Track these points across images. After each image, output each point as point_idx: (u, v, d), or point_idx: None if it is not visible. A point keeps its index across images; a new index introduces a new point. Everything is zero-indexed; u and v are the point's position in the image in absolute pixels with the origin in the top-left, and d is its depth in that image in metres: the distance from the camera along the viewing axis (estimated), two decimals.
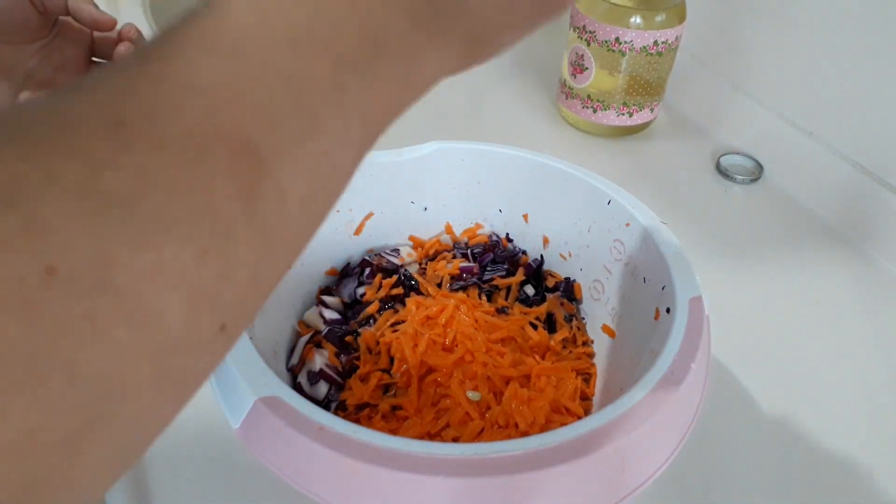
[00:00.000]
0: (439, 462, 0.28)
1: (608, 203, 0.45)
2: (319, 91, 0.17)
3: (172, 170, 0.14)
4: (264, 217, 0.16)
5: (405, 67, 0.19)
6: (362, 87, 0.18)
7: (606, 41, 0.65)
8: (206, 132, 0.15)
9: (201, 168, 0.15)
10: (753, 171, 0.68)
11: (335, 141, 0.18)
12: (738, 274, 0.57)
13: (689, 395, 0.34)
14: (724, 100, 0.71)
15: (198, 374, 0.16)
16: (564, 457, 0.29)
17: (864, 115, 0.59)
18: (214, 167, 0.15)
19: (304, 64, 0.17)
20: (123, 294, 0.13)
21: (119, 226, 0.13)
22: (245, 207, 0.15)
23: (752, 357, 0.50)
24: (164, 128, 0.15)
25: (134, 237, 0.13)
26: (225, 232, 0.15)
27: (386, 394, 0.42)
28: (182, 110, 0.15)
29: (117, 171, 0.14)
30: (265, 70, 0.16)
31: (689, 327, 0.35)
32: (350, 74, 0.18)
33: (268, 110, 0.16)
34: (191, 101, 0.15)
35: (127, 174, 0.14)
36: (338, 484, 0.29)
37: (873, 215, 0.59)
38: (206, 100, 0.15)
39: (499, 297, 0.48)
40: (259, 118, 0.16)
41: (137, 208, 0.14)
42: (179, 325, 0.14)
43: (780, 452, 0.44)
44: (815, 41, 0.61)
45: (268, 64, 0.16)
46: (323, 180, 0.18)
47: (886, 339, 0.52)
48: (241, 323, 0.17)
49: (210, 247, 0.15)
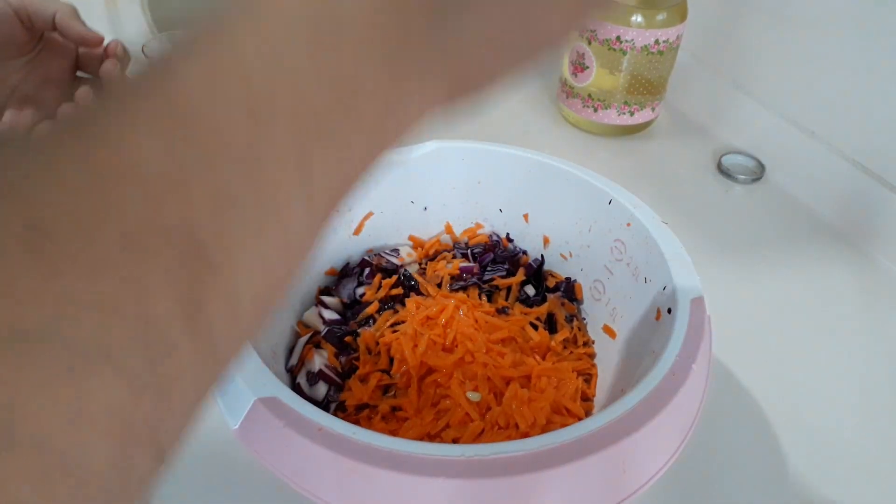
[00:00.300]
0: (439, 463, 0.28)
1: (609, 203, 0.45)
2: (282, 169, 0.15)
3: (101, 287, 0.12)
4: (210, 326, 0.14)
5: (382, 119, 0.17)
6: (331, 154, 0.16)
7: (607, 40, 0.65)
8: (144, 235, 0.13)
9: (137, 282, 0.12)
10: (755, 170, 0.68)
11: (297, 223, 0.15)
12: (740, 274, 0.57)
13: (691, 396, 0.33)
14: (726, 99, 0.71)
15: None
16: (565, 458, 0.29)
17: (866, 115, 0.59)
18: (153, 279, 0.13)
19: (264, 138, 0.14)
20: (31, 447, 0.11)
21: (27, 365, 0.11)
22: (189, 322, 0.13)
23: (753, 357, 0.49)
24: (92, 234, 0.12)
25: (47, 377, 0.11)
26: (165, 354, 0.13)
27: (385, 394, 0.42)
28: (117, 209, 0.13)
29: (29, 297, 0.11)
30: (218, 150, 0.14)
31: (691, 328, 0.35)
32: (318, 142, 0.15)
33: (219, 201, 0.14)
34: (128, 197, 0.13)
35: (41, 299, 0.11)
36: (337, 485, 0.29)
37: (874, 215, 0.59)
38: (146, 193, 0.13)
39: (499, 298, 0.48)
40: (209, 212, 0.14)
41: (53, 341, 0.11)
42: (108, 469, 0.12)
43: (782, 453, 0.44)
44: (817, 41, 0.61)
45: (222, 142, 0.14)
46: (281, 270, 0.16)
47: (887, 339, 0.52)
48: (181, 440, 0.15)
49: (146, 377, 0.13)
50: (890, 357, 0.51)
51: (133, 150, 0.13)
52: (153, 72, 0.14)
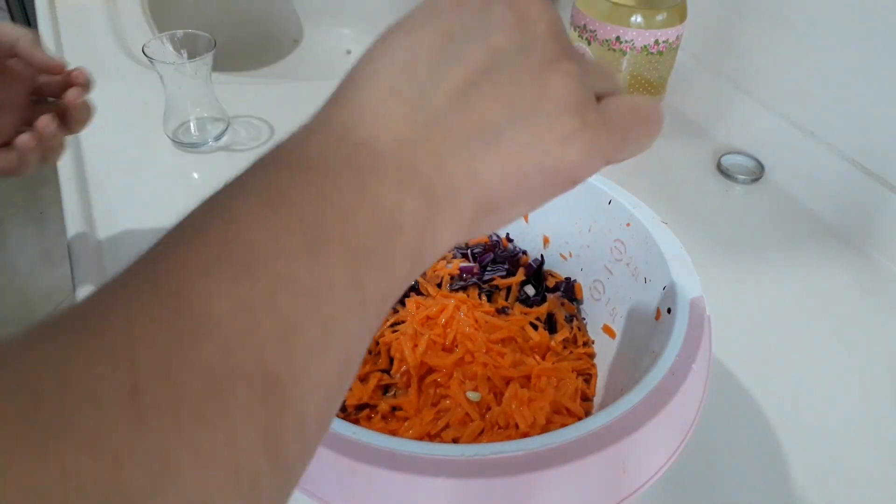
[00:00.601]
0: (439, 463, 0.28)
1: (609, 203, 0.45)
2: (339, 294, 0.16)
3: (190, 439, 0.13)
4: (287, 452, 0.15)
5: (420, 244, 0.18)
6: (380, 275, 0.17)
7: (607, 40, 0.65)
8: (224, 374, 0.14)
9: (222, 424, 0.13)
10: (754, 170, 0.68)
11: (354, 339, 0.17)
12: (739, 274, 0.57)
13: (691, 396, 0.33)
14: (725, 99, 0.71)
15: None
16: (565, 458, 0.29)
17: (866, 115, 0.59)
18: (235, 416, 0.14)
19: (322, 269, 0.16)
20: None
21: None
22: (269, 451, 0.14)
23: (753, 357, 0.49)
24: (181, 384, 0.13)
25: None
26: (251, 486, 0.14)
27: (385, 394, 0.42)
28: (199, 352, 0.14)
29: (137, 463, 0.12)
30: (281, 285, 0.15)
31: (690, 327, 0.35)
32: (368, 268, 0.17)
33: (287, 331, 0.15)
34: (207, 340, 0.14)
35: (147, 463, 0.12)
36: (337, 485, 0.29)
37: (874, 215, 0.59)
38: (222, 334, 0.14)
39: (499, 298, 0.48)
40: (279, 343, 0.15)
41: (158, 499, 0.12)
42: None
43: (782, 453, 0.44)
44: (817, 41, 0.61)
45: (284, 278, 0.15)
46: (340, 384, 0.17)
47: (886, 339, 0.52)
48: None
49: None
50: (890, 357, 0.51)
51: (204, 296, 0.14)
52: (212, 212, 0.16)
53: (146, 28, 0.86)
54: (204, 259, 0.15)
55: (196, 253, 0.15)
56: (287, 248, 0.16)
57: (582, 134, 0.20)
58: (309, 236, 0.16)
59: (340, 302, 0.16)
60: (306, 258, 0.16)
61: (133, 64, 0.78)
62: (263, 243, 0.15)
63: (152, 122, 0.67)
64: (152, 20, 0.88)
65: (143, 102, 0.71)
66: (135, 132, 0.68)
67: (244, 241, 0.15)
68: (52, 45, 0.80)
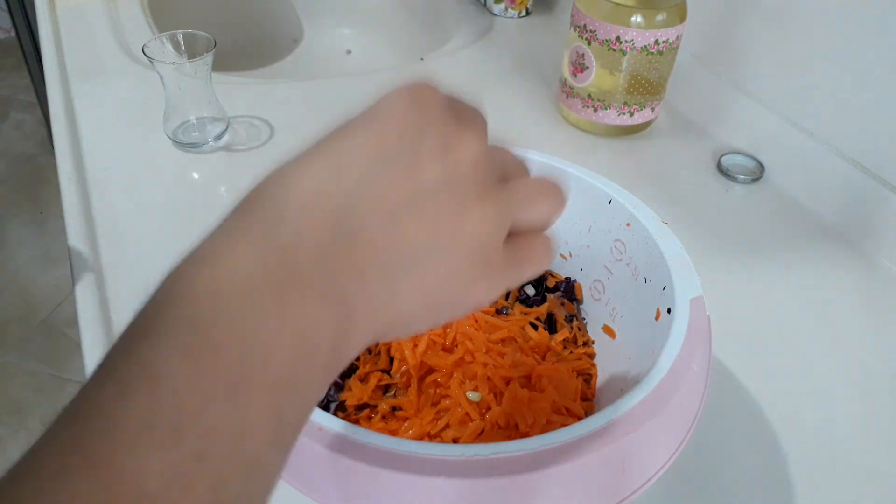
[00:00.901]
0: (439, 463, 0.28)
1: (609, 203, 0.45)
2: (260, 433, 0.17)
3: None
4: None
5: (335, 357, 0.19)
6: (298, 401, 0.18)
7: (607, 40, 0.65)
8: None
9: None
10: (754, 170, 0.68)
11: (274, 468, 0.18)
12: (739, 274, 0.57)
13: (690, 396, 0.33)
14: (726, 99, 0.71)
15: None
16: (565, 458, 0.29)
17: (865, 115, 0.59)
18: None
19: (244, 412, 0.16)
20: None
21: None
22: None
23: (752, 357, 0.49)
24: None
25: None
26: None
27: (385, 394, 0.42)
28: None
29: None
30: (209, 442, 0.16)
31: (690, 328, 0.35)
32: (286, 398, 0.17)
33: (217, 488, 0.16)
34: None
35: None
36: (337, 485, 0.29)
37: (874, 215, 0.59)
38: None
39: (499, 297, 0.48)
40: (211, 502, 0.16)
41: None
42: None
43: (781, 453, 0.44)
44: (817, 41, 0.61)
45: (210, 434, 0.16)
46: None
47: (887, 339, 0.52)
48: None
49: None
50: (890, 357, 0.51)
51: (137, 476, 0.15)
52: (137, 370, 0.16)
53: (146, 28, 0.86)
54: (132, 425, 0.15)
55: (123, 419, 0.15)
56: (211, 398, 0.16)
57: (488, 274, 0.23)
58: (231, 380, 0.16)
59: (261, 439, 0.17)
60: (231, 405, 0.16)
61: (133, 64, 0.78)
62: (189, 399, 0.16)
63: (152, 122, 0.67)
64: (152, 20, 0.88)
65: (143, 102, 0.71)
66: (135, 132, 0.68)
67: (169, 401, 0.15)
68: (53, 45, 0.80)
